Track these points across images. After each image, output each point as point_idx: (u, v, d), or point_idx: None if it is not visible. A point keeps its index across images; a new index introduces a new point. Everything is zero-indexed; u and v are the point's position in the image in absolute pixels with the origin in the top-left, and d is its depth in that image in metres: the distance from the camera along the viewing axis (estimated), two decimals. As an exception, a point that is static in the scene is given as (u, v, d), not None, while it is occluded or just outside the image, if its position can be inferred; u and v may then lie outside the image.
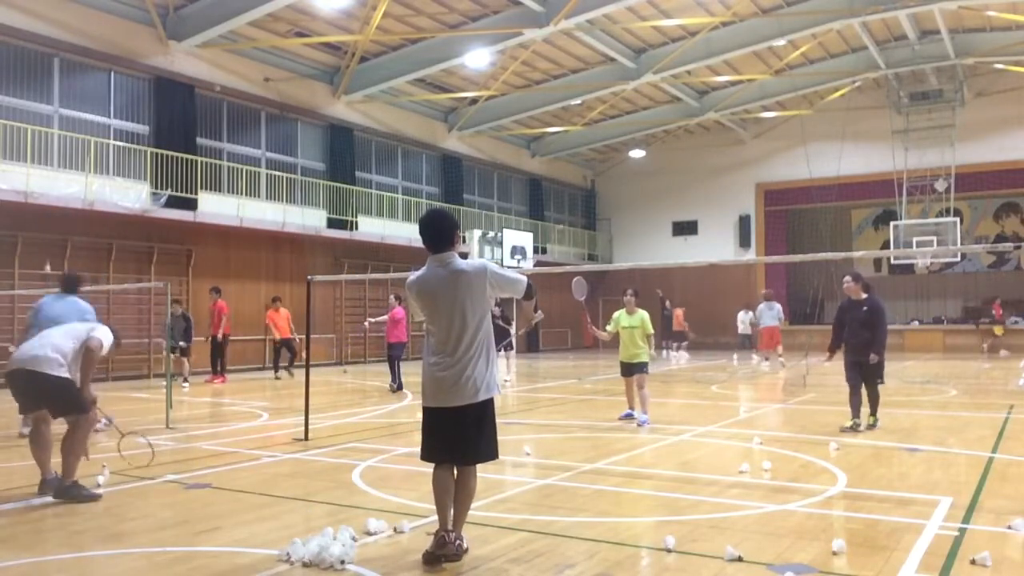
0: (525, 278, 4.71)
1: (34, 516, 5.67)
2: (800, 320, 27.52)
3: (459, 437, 4.56)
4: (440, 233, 4.67)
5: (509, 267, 25.78)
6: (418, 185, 27.37)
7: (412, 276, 4.75)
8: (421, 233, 4.72)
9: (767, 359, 21.87)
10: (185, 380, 16.00)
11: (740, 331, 25.90)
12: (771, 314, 21.26)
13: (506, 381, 16.78)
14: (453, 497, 4.57)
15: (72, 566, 4.54)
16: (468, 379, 4.51)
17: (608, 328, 10.50)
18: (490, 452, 4.64)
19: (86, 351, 6.17)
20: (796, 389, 14.71)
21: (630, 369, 10.32)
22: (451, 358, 4.54)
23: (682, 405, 12.57)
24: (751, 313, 25.56)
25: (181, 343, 15.81)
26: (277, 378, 17.58)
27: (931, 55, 25.67)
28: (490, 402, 4.64)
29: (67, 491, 6.01)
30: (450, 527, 4.51)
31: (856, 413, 9.34)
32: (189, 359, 16.23)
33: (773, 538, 4.92)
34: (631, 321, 10.23)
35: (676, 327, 26.61)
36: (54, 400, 6.15)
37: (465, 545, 4.56)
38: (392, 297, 15.39)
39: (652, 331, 10.38)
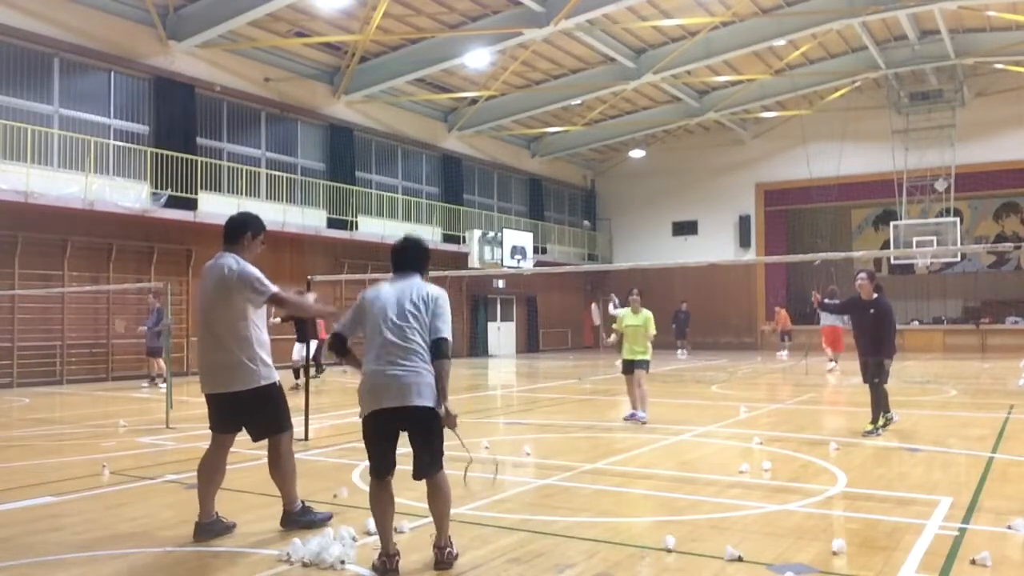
0: (450, 339, 4.48)
1: (34, 516, 5.66)
2: (800, 320, 27.52)
3: (416, 444, 4.38)
4: (407, 260, 4.63)
5: (509, 267, 25.81)
6: (418, 185, 27.36)
7: (368, 288, 4.64)
8: (392, 257, 4.64)
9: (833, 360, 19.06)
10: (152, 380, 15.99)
11: (609, 342, 25.43)
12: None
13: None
14: (432, 511, 4.43)
15: (72, 566, 4.54)
16: (416, 383, 4.32)
17: (614, 326, 10.79)
18: (441, 460, 4.45)
19: None
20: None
21: (631, 366, 10.42)
22: (399, 359, 4.35)
23: (682, 405, 12.57)
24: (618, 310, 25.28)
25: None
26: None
27: (931, 55, 25.66)
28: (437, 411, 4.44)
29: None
30: (392, 551, 4.35)
31: (880, 413, 9.15)
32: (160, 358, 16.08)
33: (773, 538, 4.92)
34: (635, 320, 10.46)
35: (783, 327, 26.14)
36: None
37: (455, 552, 4.47)
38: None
39: (655, 332, 10.55)
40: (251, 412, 5.11)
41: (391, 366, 4.31)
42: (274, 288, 5.11)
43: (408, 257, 4.67)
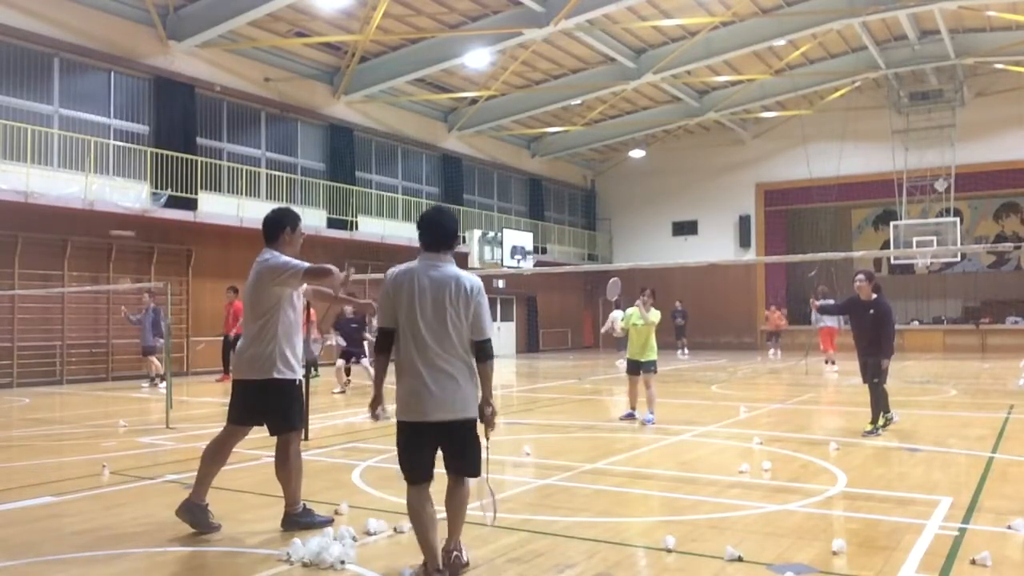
0: (492, 337, 4.32)
1: (34, 516, 5.67)
2: (800, 320, 27.54)
3: (453, 452, 4.26)
4: (443, 234, 4.34)
5: (509, 267, 25.80)
6: (418, 185, 27.37)
7: (394, 269, 4.34)
8: (422, 229, 4.32)
9: (831, 362, 19.97)
10: (153, 380, 16.06)
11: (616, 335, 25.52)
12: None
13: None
14: (448, 509, 4.32)
15: (72, 566, 4.54)
16: (460, 394, 4.20)
17: (621, 324, 10.95)
18: (479, 465, 4.36)
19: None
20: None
21: (637, 367, 10.39)
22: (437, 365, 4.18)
23: (682, 405, 12.57)
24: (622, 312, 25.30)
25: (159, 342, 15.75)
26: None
27: (931, 55, 25.66)
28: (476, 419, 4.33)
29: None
30: (440, 565, 4.20)
31: (880, 413, 9.14)
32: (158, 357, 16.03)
33: (773, 538, 4.92)
34: (642, 320, 10.43)
35: (772, 327, 26.25)
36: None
37: (465, 558, 4.38)
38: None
39: (656, 320, 10.47)
40: (263, 404, 5.21)
41: (432, 374, 4.14)
42: (304, 264, 5.17)
43: (443, 233, 4.32)
